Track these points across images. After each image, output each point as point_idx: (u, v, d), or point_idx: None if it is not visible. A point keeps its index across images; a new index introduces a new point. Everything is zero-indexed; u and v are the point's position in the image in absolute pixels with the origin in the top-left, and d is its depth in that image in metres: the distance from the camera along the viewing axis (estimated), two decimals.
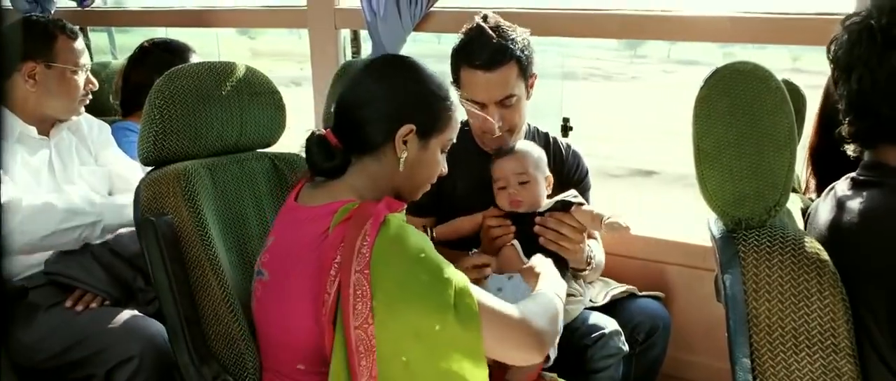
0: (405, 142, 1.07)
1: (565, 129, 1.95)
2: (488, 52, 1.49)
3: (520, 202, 1.49)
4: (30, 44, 1.63)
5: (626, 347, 1.51)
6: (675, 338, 1.67)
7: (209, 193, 1.28)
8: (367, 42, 2.19)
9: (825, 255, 0.88)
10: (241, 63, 1.40)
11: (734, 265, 0.90)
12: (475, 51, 1.50)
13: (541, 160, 1.53)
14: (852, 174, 0.99)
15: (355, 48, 2.28)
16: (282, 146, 1.48)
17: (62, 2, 2.66)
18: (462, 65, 1.53)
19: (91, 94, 1.76)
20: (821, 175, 1.23)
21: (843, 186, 1.00)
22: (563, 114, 1.98)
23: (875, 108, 0.93)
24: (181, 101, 1.27)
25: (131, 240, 1.56)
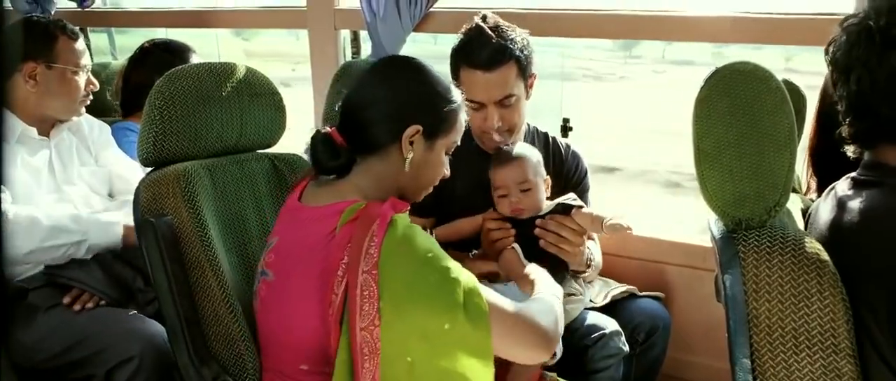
0: (411, 142, 1.08)
1: (565, 129, 1.95)
2: (488, 52, 1.49)
3: (522, 210, 1.48)
4: (30, 44, 1.63)
5: (626, 347, 1.51)
6: (675, 338, 1.67)
7: (209, 193, 1.28)
8: (366, 43, 2.19)
9: (825, 255, 0.88)
10: (242, 64, 1.40)
11: (734, 266, 0.90)
12: (474, 51, 1.50)
13: (539, 164, 1.53)
14: (852, 174, 0.99)
15: (355, 49, 2.28)
16: (277, 147, 1.48)
17: (62, 2, 2.67)
18: (461, 65, 1.53)
19: (91, 94, 1.76)
20: (821, 176, 1.23)
21: (843, 186, 1.00)
22: (562, 114, 1.98)
23: (874, 108, 0.93)
24: (181, 101, 1.27)
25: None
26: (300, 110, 2.27)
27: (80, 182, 1.70)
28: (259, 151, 1.44)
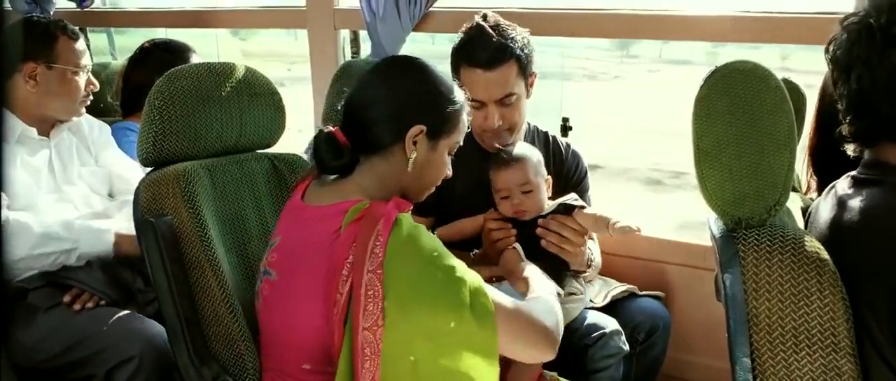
0: (415, 142, 1.08)
1: (564, 128, 1.95)
2: (488, 51, 1.49)
3: (524, 212, 1.47)
4: (31, 44, 1.63)
5: (626, 347, 1.51)
6: (675, 338, 1.67)
7: (209, 193, 1.28)
8: (366, 42, 2.19)
9: (825, 254, 0.88)
10: (241, 64, 1.40)
11: (734, 265, 0.90)
12: (475, 49, 1.51)
13: (540, 164, 1.52)
14: (853, 173, 0.99)
15: (355, 49, 2.28)
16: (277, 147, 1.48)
17: (61, 2, 2.67)
18: (462, 64, 1.53)
19: (92, 95, 1.76)
20: (821, 175, 1.23)
21: (843, 184, 1.00)
22: (562, 114, 1.98)
23: (875, 106, 0.93)
24: (181, 102, 1.26)
25: None
26: (296, 110, 2.27)
27: (79, 182, 1.70)
28: (259, 151, 1.44)
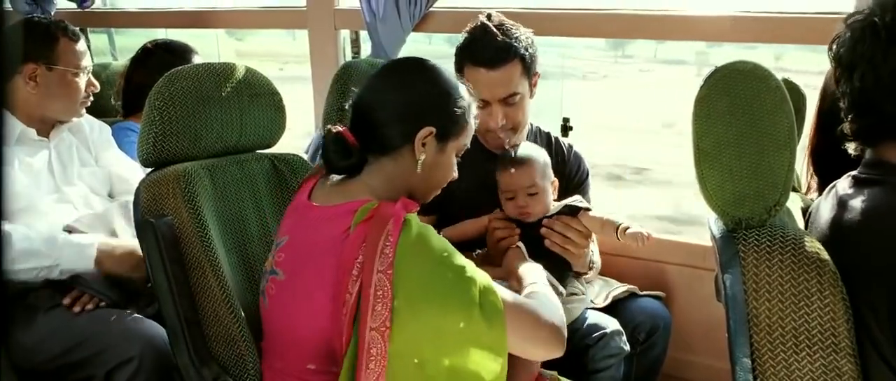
0: (424, 144, 1.08)
1: (565, 128, 1.95)
2: (492, 51, 1.50)
3: (529, 214, 1.47)
4: (31, 45, 1.63)
5: (627, 347, 1.51)
6: (675, 338, 1.67)
7: (209, 194, 1.28)
8: (366, 43, 2.19)
9: (825, 254, 0.88)
10: (241, 64, 1.40)
11: (734, 265, 0.90)
12: (479, 49, 1.51)
13: (547, 167, 1.51)
14: (853, 172, 0.99)
15: (355, 49, 2.28)
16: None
17: (62, 3, 2.67)
18: (466, 63, 1.54)
19: (92, 95, 1.76)
20: (821, 175, 1.22)
21: (844, 184, 0.99)
22: (562, 114, 1.98)
23: (878, 105, 0.93)
24: (181, 102, 1.26)
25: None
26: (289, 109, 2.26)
27: (79, 183, 1.70)
28: (259, 151, 1.44)
